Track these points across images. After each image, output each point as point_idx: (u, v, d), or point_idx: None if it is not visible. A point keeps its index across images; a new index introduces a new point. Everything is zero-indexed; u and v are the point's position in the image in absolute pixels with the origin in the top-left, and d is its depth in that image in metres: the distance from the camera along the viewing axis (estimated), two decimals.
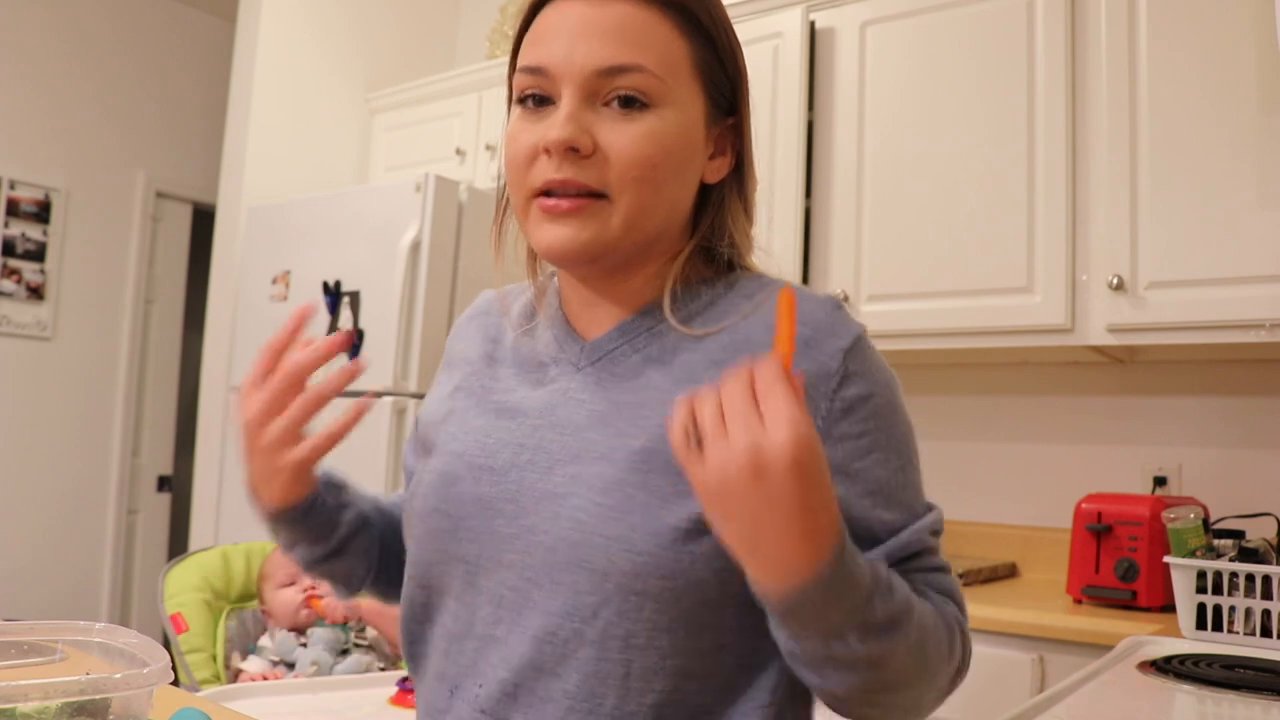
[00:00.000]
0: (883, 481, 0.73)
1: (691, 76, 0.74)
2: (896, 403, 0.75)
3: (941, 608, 0.73)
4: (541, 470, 0.74)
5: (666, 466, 0.69)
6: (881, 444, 0.73)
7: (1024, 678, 1.64)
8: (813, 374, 0.71)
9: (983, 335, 2.06)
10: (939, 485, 2.60)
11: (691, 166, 0.76)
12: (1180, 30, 1.86)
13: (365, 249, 2.61)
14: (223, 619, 1.79)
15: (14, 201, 3.66)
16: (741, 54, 0.79)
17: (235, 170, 3.09)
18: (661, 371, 0.75)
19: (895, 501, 0.73)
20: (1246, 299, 1.76)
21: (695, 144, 0.75)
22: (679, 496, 0.68)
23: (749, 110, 0.80)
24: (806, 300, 0.74)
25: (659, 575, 0.68)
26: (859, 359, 0.73)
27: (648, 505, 0.69)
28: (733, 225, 0.80)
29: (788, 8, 2.33)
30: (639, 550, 0.68)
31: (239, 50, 3.15)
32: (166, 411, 4.21)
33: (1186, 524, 1.61)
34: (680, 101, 0.73)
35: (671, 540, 0.68)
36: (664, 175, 0.73)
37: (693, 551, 0.68)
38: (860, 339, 0.74)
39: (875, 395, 0.73)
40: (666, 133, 0.72)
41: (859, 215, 2.22)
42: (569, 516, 0.71)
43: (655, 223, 0.74)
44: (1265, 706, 1.10)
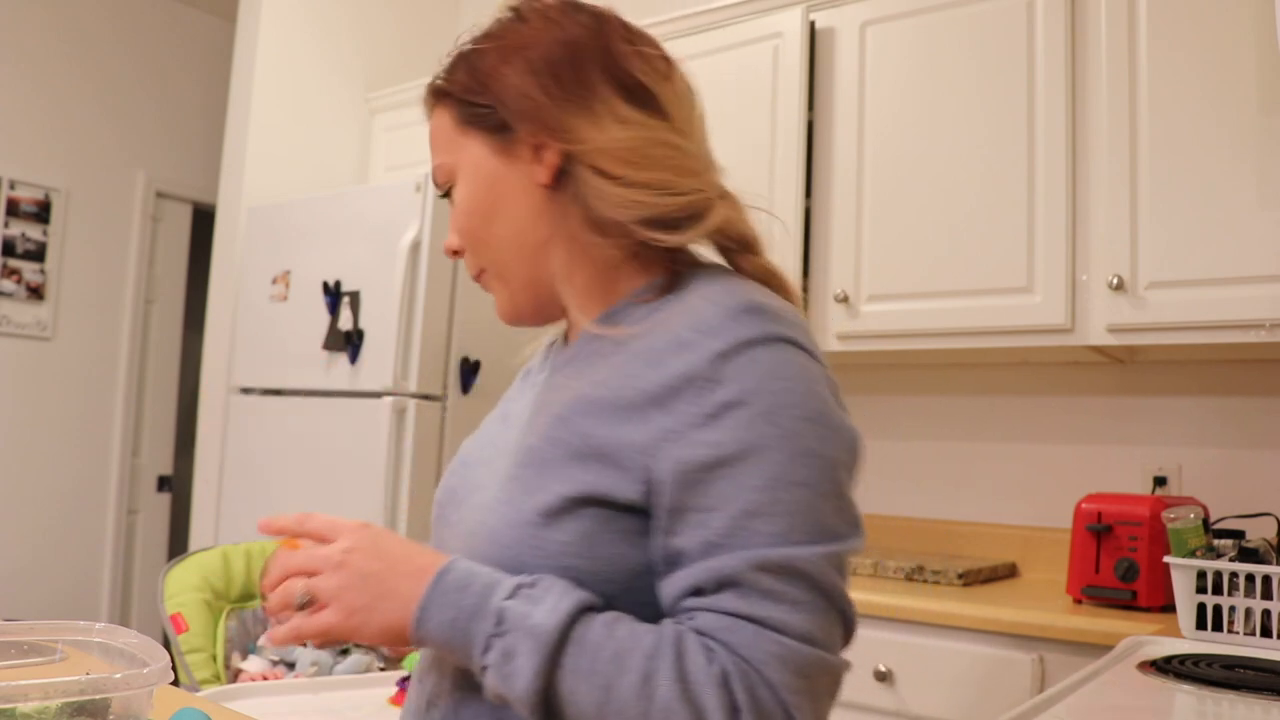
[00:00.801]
0: (721, 499, 0.66)
1: (462, 133, 0.82)
2: (777, 416, 0.68)
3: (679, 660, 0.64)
4: (485, 465, 0.83)
5: (539, 461, 0.73)
6: (738, 458, 0.67)
7: (1024, 678, 1.64)
8: (680, 376, 0.69)
9: (983, 335, 2.06)
10: (940, 485, 2.61)
11: (505, 199, 0.81)
12: (1180, 30, 1.86)
13: (365, 249, 2.61)
14: (223, 619, 1.79)
15: (14, 201, 3.66)
16: (502, 73, 0.80)
17: (235, 170, 3.09)
18: (574, 376, 0.79)
19: (732, 524, 0.66)
20: (1246, 299, 1.76)
21: (493, 181, 0.81)
22: (539, 490, 0.72)
23: (552, 99, 0.79)
24: (705, 304, 0.73)
25: (510, 567, 0.71)
26: (737, 366, 0.69)
27: (513, 498, 0.74)
28: (597, 202, 0.77)
29: (788, 8, 2.33)
30: (500, 541, 0.73)
31: (239, 50, 3.14)
32: (166, 411, 4.20)
33: (1186, 524, 1.61)
34: (464, 160, 0.82)
35: (525, 533, 0.71)
36: (481, 229, 0.82)
37: (540, 546, 0.71)
38: (744, 345, 0.70)
39: (744, 405, 0.68)
40: (464, 199, 0.83)
41: (859, 215, 2.22)
42: (478, 507, 0.78)
43: (518, 263, 0.82)
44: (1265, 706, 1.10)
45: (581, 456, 0.71)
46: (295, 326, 2.74)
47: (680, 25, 2.49)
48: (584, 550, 0.70)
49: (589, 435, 0.71)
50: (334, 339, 2.63)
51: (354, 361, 2.57)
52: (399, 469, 2.47)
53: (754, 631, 0.64)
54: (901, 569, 2.00)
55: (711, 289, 0.75)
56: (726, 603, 0.65)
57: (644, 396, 0.70)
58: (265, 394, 2.85)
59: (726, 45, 2.41)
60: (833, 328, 2.22)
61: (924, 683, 1.74)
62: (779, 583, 0.65)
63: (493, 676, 0.67)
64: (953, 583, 1.94)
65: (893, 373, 2.49)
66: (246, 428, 2.89)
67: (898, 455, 2.46)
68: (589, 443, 0.71)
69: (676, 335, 0.72)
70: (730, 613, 0.65)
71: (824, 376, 0.74)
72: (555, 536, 0.70)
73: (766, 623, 0.64)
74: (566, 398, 0.75)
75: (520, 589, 0.68)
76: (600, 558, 0.70)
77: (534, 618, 0.66)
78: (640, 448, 0.69)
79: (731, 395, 0.68)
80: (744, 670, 0.63)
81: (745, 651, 0.64)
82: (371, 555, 0.72)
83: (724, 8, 2.44)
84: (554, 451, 0.73)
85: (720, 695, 0.63)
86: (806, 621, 0.65)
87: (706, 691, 0.63)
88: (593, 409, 0.72)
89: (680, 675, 0.63)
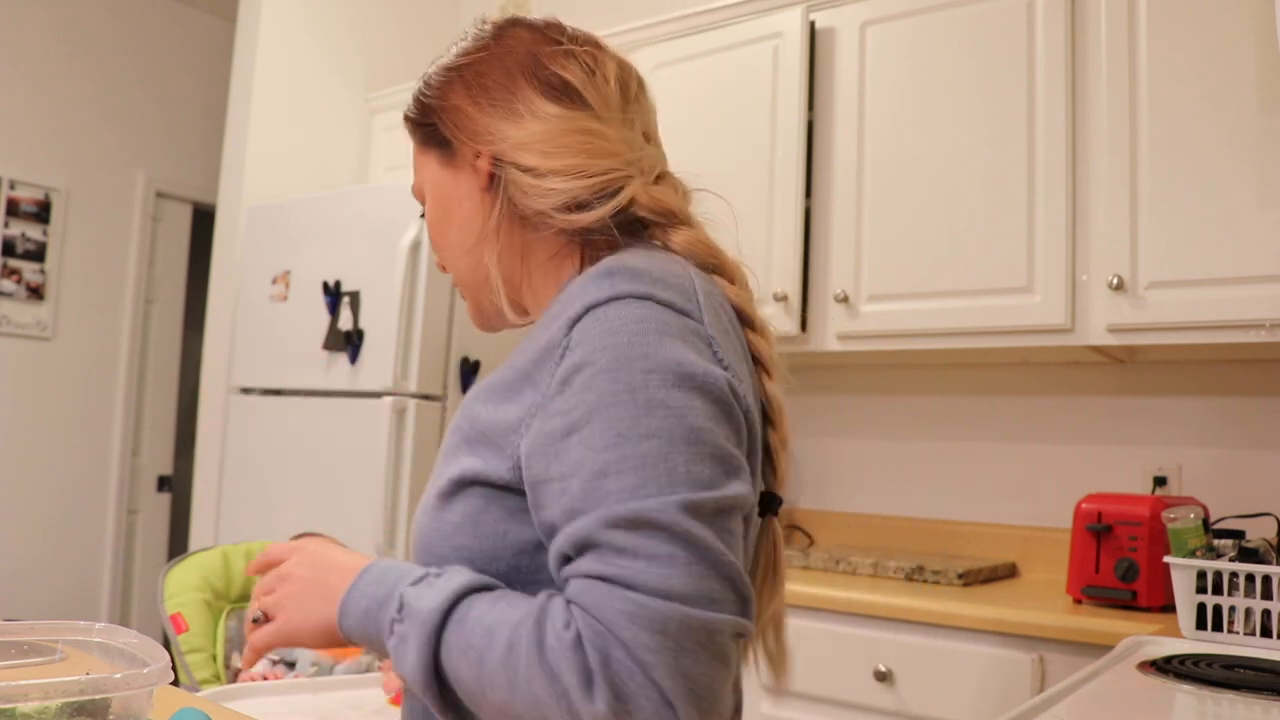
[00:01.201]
0: (576, 464, 0.66)
1: (422, 153, 0.90)
2: (620, 372, 0.67)
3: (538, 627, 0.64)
4: None
5: (446, 450, 0.79)
6: (586, 420, 0.67)
7: (1024, 678, 1.64)
8: (542, 348, 0.73)
9: (983, 335, 2.06)
10: (940, 485, 2.61)
11: (455, 208, 0.87)
12: (1180, 30, 1.86)
13: (365, 249, 2.60)
14: (223, 619, 1.79)
15: (14, 201, 3.66)
16: (441, 95, 0.88)
17: (235, 170, 3.09)
18: (509, 362, 0.81)
19: (585, 487, 0.65)
20: (1246, 299, 1.76)
21: (446, 193, 0.88)
22: (440, 476, 0.78)
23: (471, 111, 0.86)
24: (579, 277, 0.76)
25: (419, 549, 0.78)
26: (582, 328, 0.70)
27: (429, 488, 0.80)
28: (520, 195, 0.82)
29: (788, 8, 2.33)
30: (418, 528, 0.79)
31: (239, 50, 3.14)
32: (166, 411, 4.20)
33: (1186, 524, 1.61)
34: (425, 178, 0.90)
35: (429, 517, 0.77)
36: (442, 240, 0.90)
37: (438, 527, 0.76)
38: (593, 307, 0.70)
39: (589, 365, 0.68)
40: (428, 210, 0.91)
41: (859, 215, 2.22)
42: None
43: (479, 269, 0.86)
44: (1265, 707, 1.10)
45: (470, 441, 0.76)
46: (295, 326, 2.74)
47: (680, 25, 2.49)
48: (471, 529, 0.74)
49: (475, 419, 0.76)
50: (334, 339, 2.63)
51: (354, 361, 2.57)
52: (399, 469, 2.46)
53: (605, 590, 0.62)
54: (901, 569, 2.00)
55: (595, 267, 0.75)
56: (585, 565, 0.64)
57: (518, 375, 0.74)
58: (265, 394, 2.85)
59: (726, 45, 2.41)
60: (833, 328, 2.22)
61: (924, 683, 1.74)
62: (632, 538, 0.63)
63: (394, 662, 0.70)
64: (953, 583, 1.94)
65: (893, 373, 2.49)
66: (246, 428, 2.89)
67: (898, 455, 2.46)
68: (475, 426, 0.76)
69: (549, 312, 0.77)
70: (586, 574, 0.64)
71: (683, 326, 0.70)
72: (447, 518, 0.75)
73: (617, 580, 0.62)
74: (478, 389, 0.80)
75: (426, 577, 0.71)
76: (486, 535, 0.73)
77: (423, 600, 0.69)
78: (512, 426, 0.72)
79: (578, 358, 0.69)
80: (597, 631, 0.61)
81: (597, 611, 0.62)
82: (310, 564, 0.79)
83: (724, 8, 2.44)
84: (453, 439, 0.78)
85: (574, 659, 0.61)
86: (664, 576, 0.62)
87: (561, 656, 0.62)
88: (484, 394, 0.78)
89: (538, 642, 0.63)
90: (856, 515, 2.49)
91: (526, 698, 0.63)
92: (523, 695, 0.63)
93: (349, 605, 0.74)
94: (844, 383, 2.56)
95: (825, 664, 1.85)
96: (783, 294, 2.26)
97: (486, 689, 0.65)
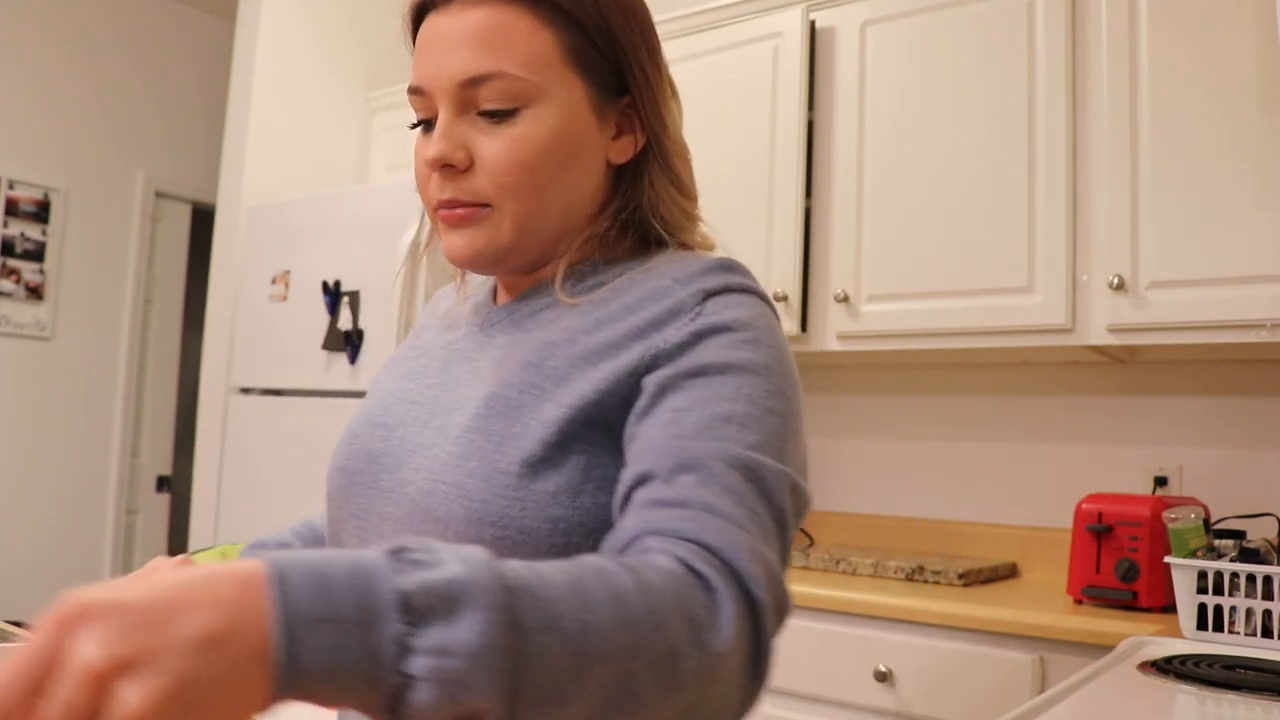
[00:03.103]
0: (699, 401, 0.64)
1: (564, 66, 0.72)
2: (760, 349, 0.68)
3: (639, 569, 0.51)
4: (420, 424, 0.75)
5: (506, 409, 0.69)
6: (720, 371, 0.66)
7: (1024, 678, 1.64)
8: (665, 310, 0.70)
9: (983, 335, 2.06)
10: (940, 485, 2.61)
11: (581, 158, 0.74)
12: (1180, 30, 1.86)
13: (365, 249, 2.60)
14: None
15: (13, 201, 3.66)
16: (628, 29, 0.75)
17: (235, 170, 3.09)
18: (539, 328, 0.75)
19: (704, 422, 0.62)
20: (1246, 299, 1.75)
21: (580, 134, 0.74)
22: (513, 439, 0.68)
23: (653, 82, 0.77)
24: (683, 261, 0.74)
25: (490, 523, 0.66)
26: (721, 301, 0.70)
27: (484, 450, 0.68)
28: (655, 201, 0.78)
29: (788, 8, 2.33)
30: (472, 496, 0.67)
31: (239, 50, 3.14)
32: (166, 411, 4.20)
33: (1187, 524, 1.61)
34: (553, 96, 0.72)
35: (503, 486, 0.66)
36: (543, 176, 0.72)
37: (523, 498, 0.66)
38: (727, 287, 0.71)
39: (729, 330, 0.68)
40: (539, 133, 0.72)
41: (859, 215, 2.21)
42: (425, 467, 0.71)
43: (551, 221, 0.75)
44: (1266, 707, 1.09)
45: (550, 395, 0.68)
46: (295, 326, 2.74)
47: (680, 25, 2.49)
48: (569, 498, 0.66)
49: (566, 375, 0.69)
50: (333, 339, 2.63)
51: (353, 361, 2.57)
52: None
53: (719, 523, 0.56)
54: (901, 569, 2.00)
55: (688, 256, 0.76)
56: (684, 488, 0.58)
57: (627, 334, 0.70)
58: (265, 394, 2.85)
59: (726, 45, 2.41)
60: (833, 328, 2.22)
61: (924, 683, 1.74)
62: (743, 484, 0.59)
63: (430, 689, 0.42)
64: (953, 583, 1.94)
65: (893, 373, 2.49)
66: (246, 428, 2.88)
67: (898, 455, 2.46)
68: (565, 383, 0.69)
69: (655, 286, 0.72)
70: (687, 501, 0.57)
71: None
72: (540, 486, 0.66)
73: (731, 518, 0.56)
74: (533, 345, 0.73)
75: (394, 557, 0.45)
76: (584, 507, 0.67)
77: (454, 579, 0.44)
78: (625, 372, 0.68)
79: (716, 321, 0.68)
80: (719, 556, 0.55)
81: (714, 538, 0.55)
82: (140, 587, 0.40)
83: (724, 7, 2.44)
84: (527, 397, 0.69)
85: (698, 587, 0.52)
86: (762, 535, 0.58)
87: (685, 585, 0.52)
88: (567, 351, 0.71)
89: (648, 583, 0.50)
90: (856, 515, 2.49)
91: (655, 650, 0.49)
92: (650, 648, 0.48)
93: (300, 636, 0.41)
94: (844, 383, 2.56)
95: (825, 664, 1.85)
96: (783, 294, 2.26)
97: (594, 663, 0.46)
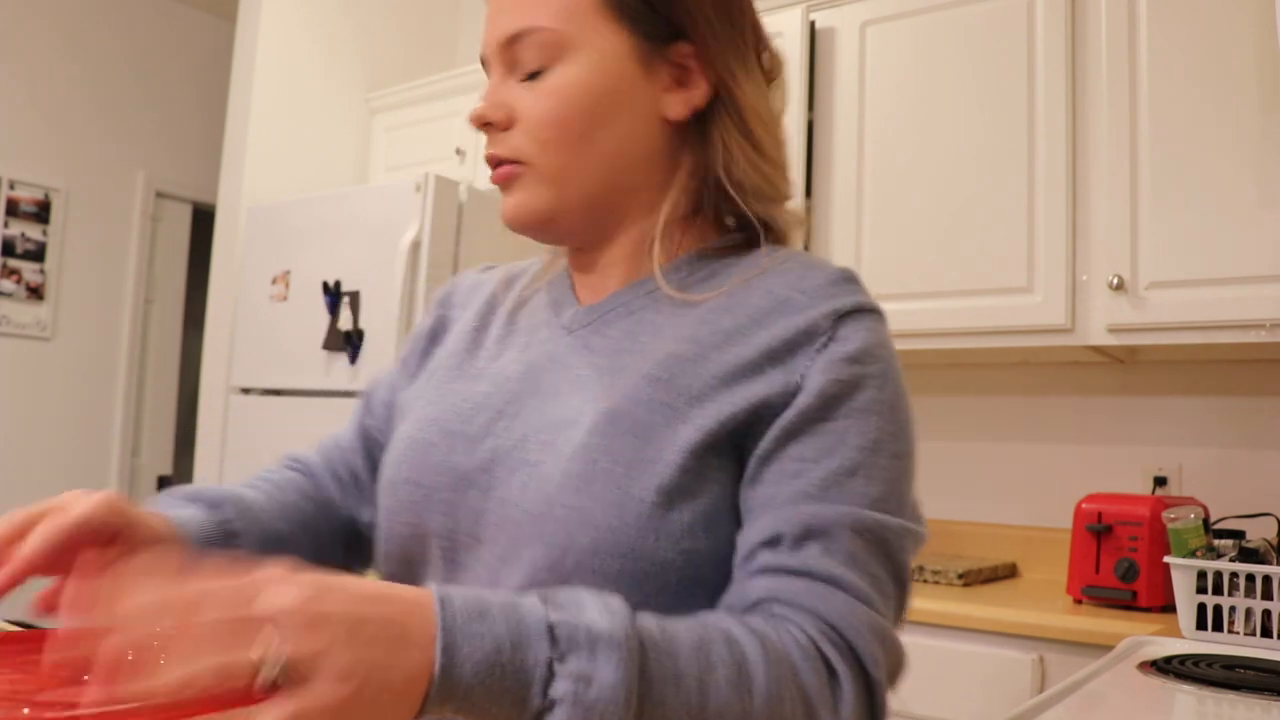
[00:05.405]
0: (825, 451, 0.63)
1: (599, 14, 0.69)
2: (888, 385, 0.66)
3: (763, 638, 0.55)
4: (517, 438, 0.68)
5: (634, 428, 0.64)
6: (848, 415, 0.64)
7: (1024, 678, 1.64)
8: (799, 330, 0.66)
9: (983, 335, 2.06)
10: (940, 485, 2.60)
11: (622, 111, 0.70)
12: (1180, 30, 1.86)
13: (365, 249, 2.60)
14: None
15: (14, 201, 3.66)
16: None
17: (235, 170, 3.09)
18: (650, 334, 0.70)
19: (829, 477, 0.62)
20: (1246, 299, 1.75)
21: (619, 84, 0.69)
22: (645, 463, 0.62)
23: (717, 26, 0.71)
24: (804, 269, 0.70)
25: (619, 554, 0.61)
26: (851, 324, 0.67)
27: (610, 472, 0.63)
28: (729, 163, 0.71)
29: (788, 8, 2.33)
30: (598, 524, 0.61)
31: (239, 50, 3.14)
32: (166, 411, 4.20)
33: (1187, 524, 1.61)
34: (589, 46, 0.69)
35: (635, 515, 0.61)
36: (578, 130, 0.69)
37: (657, 528, 0.61)
38: (858, 309, 0.67)
39: (863, 363, 0.66)
40: (569, 85, 0.69)
41: (858, 215, 2.21)
42: (536, 486, 0.65)
43: (592, 180, 0.70)
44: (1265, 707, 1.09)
45: (684, 416, 0.64)
46: (295, 326, 2.74)
47: None
48: (704, 529, 0.63)
49: (701, 395, 0.65)
50: (334, 339, 2.63)
51: (354, 361, 2.57)
52: None
53: (844, 598, 0.58)
54: None
55: (799, 257, 0.72)
56: (810, 557, 0.59)
57: (761, 354, 0.65)
58: (265, 394, 2.85)
59: None
60: None
61: (924, 683, 1.74)
62: (867, 549, 0.60)
63: (567, 712, 0.49)
64: (953, 583, 1.94)
65: None
66: (246, 428, 2.88)
67: None
68: (700, 404, 0.64)
69: (780, 297, 0.68)
70: (812, 572, 0.58)
71: None
72: (678, 517, 0.62)
73: (854, 590, 0.58)
74: (655, 357, 0.67)
75: (551, 602, 0.52)
76: (719, 538, 0.63)
77: (597, 626, 0.50)
78: (765, 402, 0.64)
79: (850, 351, 0.65)
80: (839, 633, 0.58)
81: (837, 617, 0.58)
82: (346, 598, 0.47)
83: None
84: (658, 417, 0.64)
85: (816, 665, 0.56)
86: (882, 600, 0.60)
87: (805, 660, 0.56)
88: (700, 368, 0.66)
89: (771, 654, 0.54)
90: None
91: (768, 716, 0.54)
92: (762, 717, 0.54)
93: (460, 649, 0.48)
94: None
95: None
96: None
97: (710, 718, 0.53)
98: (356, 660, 0.45)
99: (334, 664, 0.44)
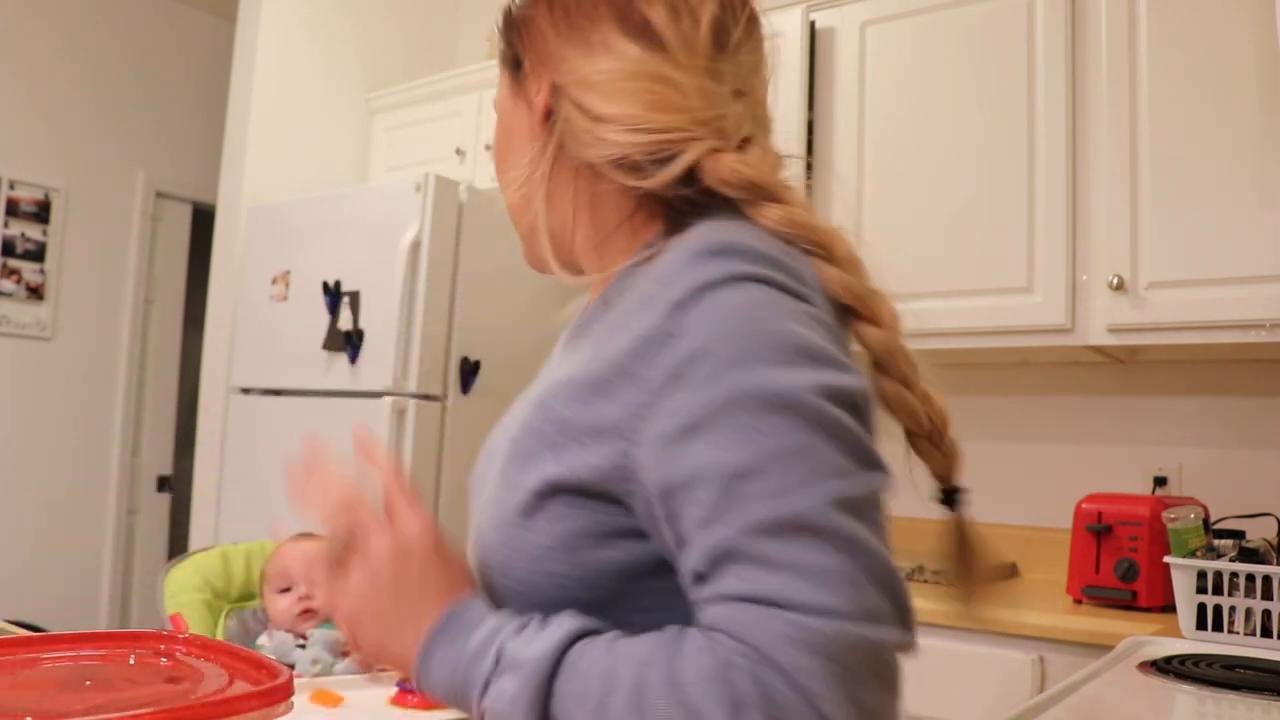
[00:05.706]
0: (704, 467, 0.56)
1: (501, 70, 0.80)
2: (746, 360, 0.57)
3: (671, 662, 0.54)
4: (491, 459, 0.74)
5: (521, 454, 0.66)
6: (712, 417, 0.56)
7: (1024, 678, 1.64)
8: (640, 337, 0.60)
9: (983, 335, 2.06)
10: None
11: (515, 137, 0.78)
12: (1180, 30, 1.86)
13: (365, 249, 2.60)
14: (223, 619, 1.79)
15: (14, 201, 3.66)
16: (521, 13, 0.78)
17: (235, 170, 3.09)
18: (579, 349, 0.70)
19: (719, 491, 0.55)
20: (1246, 299, 1.75)
21: (507, 116, 0.79)
22: (515, 487, 0.65)
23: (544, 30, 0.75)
24: (672, 253, 0.64)
25: (499, 572, 0.66)
26: (693, 313, 0.59)
27: (499, 498, 0.66)
28: (574, 142, 0.70)
29: (788, 8, 2.33)
30: (488, 545, 0.67)
31: (239, 50, 3.14)
32: (166, 411, 4.20)
33: (1187, 524, 1.61)
34: (497, 100, 0.81)
35: (508, 535, 0.65)
36: (499, 165, 0.80)
37: (519, 549, 0.64)
38: (703, 289, 0.60)
39: (707, 355, 0.58)
40: (495, 137, 0.81)
41: (859, 215, 2.22)
42: (478, 509, 0.72)
43: (525, 204, 0.76)
44: (1265, 707, 1.10)
45: (553, 446, 0.63)
46: (295, 326, 2.74)
47: None
48: (565, 554, 0.63)
49: (561, 421, 0.63)
50: (334, 339, 2.63)
51: (354, 361, 2.57)
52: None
53: (757, 612, 0.53)
54: (902, 569, 2.00)
55: (688, 237, 0.65)
56: (727, 584, 0.54)
57: (610, 368, 0.62)
58: (265, 394, 2.85)
59: None
60: None
61: (924, 683, 1.74)
62: (782, 547, 0.53)
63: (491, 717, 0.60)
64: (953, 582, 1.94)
65: None
66: (246, 428, 2.88)
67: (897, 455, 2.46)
68: (561, 430, 0.63)
69: (641, 292, 0.63)
70: (729, 596, 0.54)
71: (810, 314, 0.62)
72: (533, 539, 0.63)
73: (770, 599, 0.53)
74: (554, 379, 0.68)
75: (527, 626, 0.61)
76: (582, 562, 0.63)
77: (528, 648, 0.59)
78: (611, 427, 0.61)
79: (691, 347, 0.58)
80: (750, 658, 0.52)
81: (749, 636, 0.52)
82: (402, 580, 0.66)
83: None
84: (532, 443, 0.65)
85: (719, 691, 0.52)
86: (824, 590, 0.53)
87: (702, 690, 0.52)
88: (567, 390, 0.64)
89: (671, 678, 0.53)
90: None
91: None
92: None
93: (434, 657, 0.63)
94: None
95: None
96: None
97: None
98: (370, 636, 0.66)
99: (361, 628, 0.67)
